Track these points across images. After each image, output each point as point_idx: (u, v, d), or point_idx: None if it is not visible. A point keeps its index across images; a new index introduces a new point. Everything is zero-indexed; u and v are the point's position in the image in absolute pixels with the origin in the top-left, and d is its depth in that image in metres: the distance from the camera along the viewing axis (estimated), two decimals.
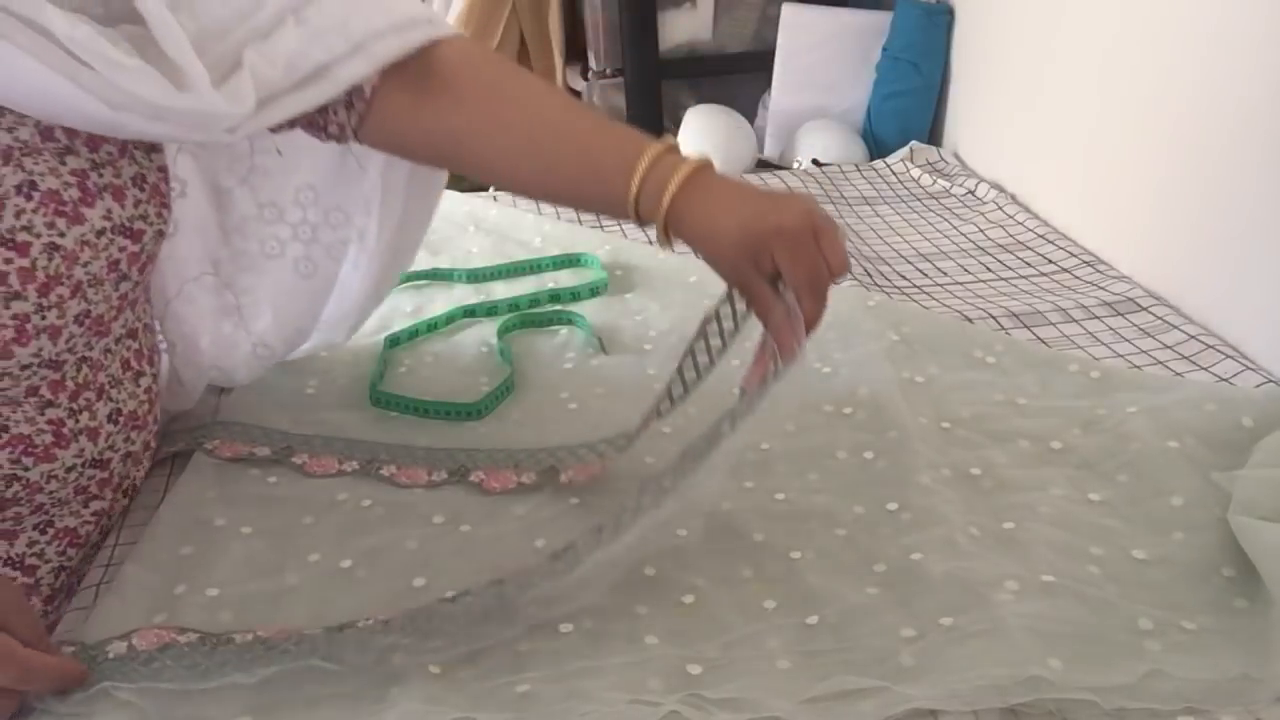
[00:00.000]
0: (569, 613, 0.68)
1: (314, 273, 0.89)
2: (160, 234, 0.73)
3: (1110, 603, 0.68)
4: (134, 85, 0.61)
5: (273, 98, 0.67)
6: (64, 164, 0.66)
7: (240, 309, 0.87)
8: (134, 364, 0.79)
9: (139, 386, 0.79)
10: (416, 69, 0.73)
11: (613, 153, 0.72)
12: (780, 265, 0.66)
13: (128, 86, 0.61)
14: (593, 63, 2.05)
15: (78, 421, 0.72)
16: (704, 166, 0.70)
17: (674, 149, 0.71)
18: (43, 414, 0.70)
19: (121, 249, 0.69)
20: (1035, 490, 0.80)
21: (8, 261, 0.63)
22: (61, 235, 0.65)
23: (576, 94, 2.18)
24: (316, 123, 0.77)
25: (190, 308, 0.86)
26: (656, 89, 2.02)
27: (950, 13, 1.68)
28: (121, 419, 0.76)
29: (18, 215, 0.63)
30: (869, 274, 1.21)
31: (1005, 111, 1.52)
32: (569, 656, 0.65)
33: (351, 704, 0.63)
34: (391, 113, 0.75)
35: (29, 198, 0.64)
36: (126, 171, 0.70)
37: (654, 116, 2.02)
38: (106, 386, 0.75)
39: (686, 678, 0.63)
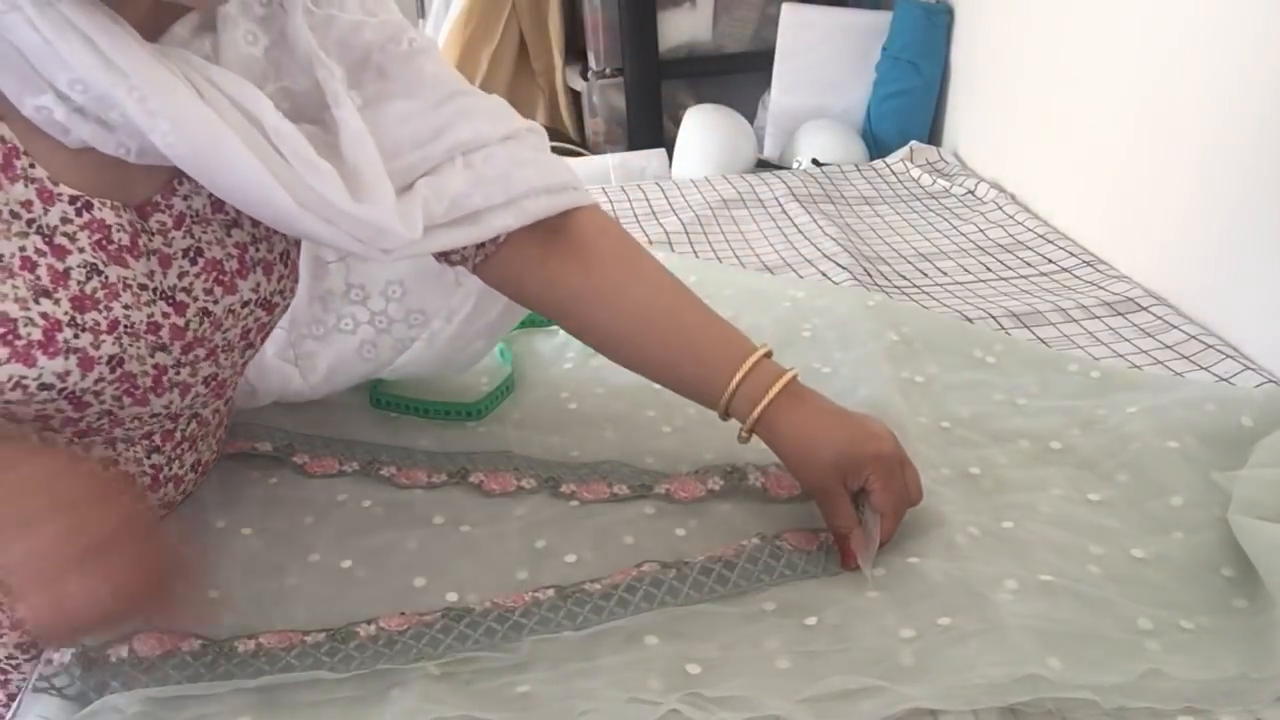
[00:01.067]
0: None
1: (374, 358, 0.91)
2: (287, 307, 0.77)
3: (1110, 602, 0.68)
4: (323, 187, 0.62)
5: (431, 229, 0.69)
6: (229, 236, 0.70)
7: (298, 364, 0.90)
8: (224, 418, 0.83)
9: (215, 438, 0.82)
10: (551, 226, 0.76)
11: (719, 347, 0.77)
12: (871, 489, 0.72)
13: (318, 187, 0.62)
14: (593, 63, 2.05)
15: (171, 469, 0.76)
16: (794, 379, 0.76)
17: (769, 354, 0.76)
18: (149, 458, 0.74)
19: (256, 319, 0.73)
20: (1035, 490, 0.80)
21: (165, 315, 0.66)
22: (215, 302, 0.69)
23: (576, 94, 2.18)
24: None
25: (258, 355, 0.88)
26: (656, 89, 2.02)
27: (950, 12, 1.68)
28: (200, 468, 0.80)
29: (180, 277, 0.67)
30: (869, 274, 1.21)
31: (1005, 111, 1.52)
32: (569, 657, 0.65)
33: (352, 704, 0.63)
34: (519, 260, 0.78)
35: (194, 262, 0.68)
36: (278, 247, 0.73)
37: (654, 116, 2.02)
38: (197, 439, 0.78)
39: (686, 677, 0.63)
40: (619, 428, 0.91)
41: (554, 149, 0.82)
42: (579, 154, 1.97)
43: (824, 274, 1.21)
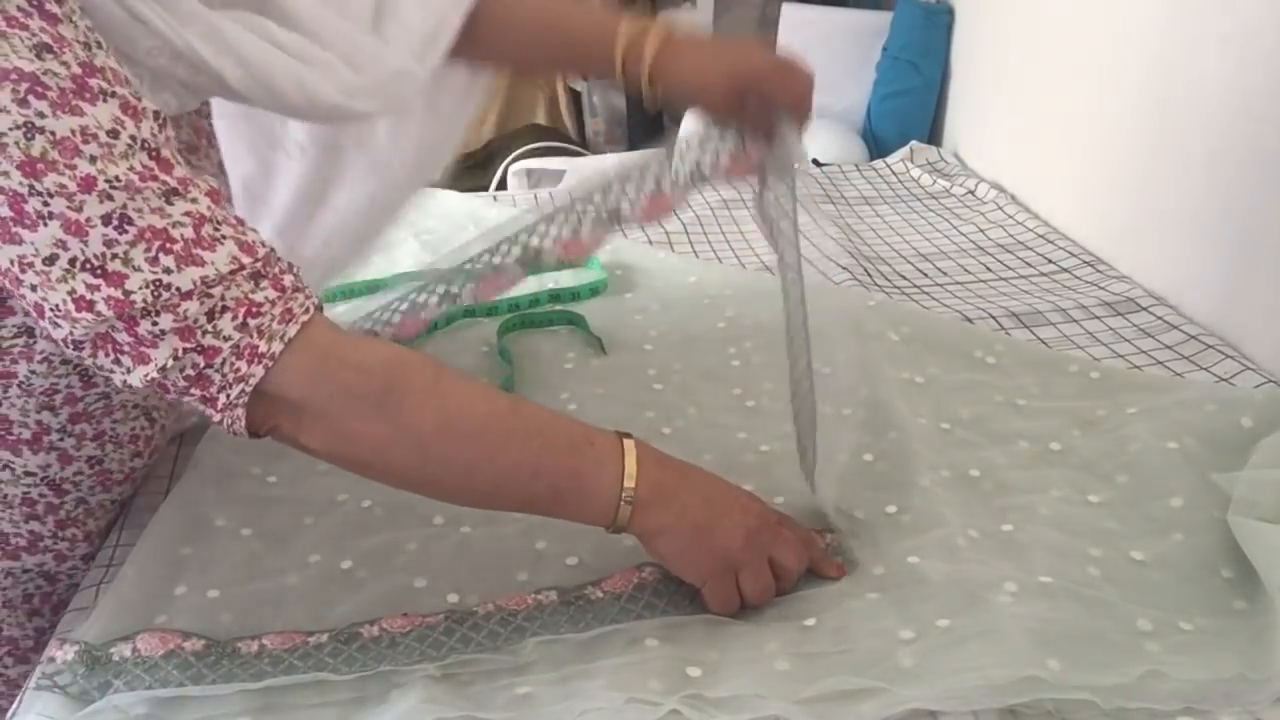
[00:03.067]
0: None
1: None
2: None
3: (1109, 604, 0.68)
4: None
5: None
6: None
7: None
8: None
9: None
10: None
11: (595, 29, 0.85)
12: (773, 94, 0.81)
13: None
14: None
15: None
16: (671, 30, 0.82)
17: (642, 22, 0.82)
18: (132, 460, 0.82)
19: None
20: (1034, 492, 0.80)
21: None
22: None
23: (576, 94, 2.18)
24: None
25: None
26: None
27: (950, 13, 1.68)
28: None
29: None
30: (869, 274, 1.21)
31: (1005, 111, 1.52)
32: (569, 659, 0.65)
33: (353, 705, 0.63)
34: None
35: None
36: None
37: (654, 116, 2.02)
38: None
39: (686, 680, 0.63)
40: (618, 428, 0.91)
41: (554, 149, 0.84)
42: (579, 154, 1.97)
43: (824, 274, 1.21)
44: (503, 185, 1.84)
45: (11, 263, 0.56)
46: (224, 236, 0.59)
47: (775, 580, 0.70)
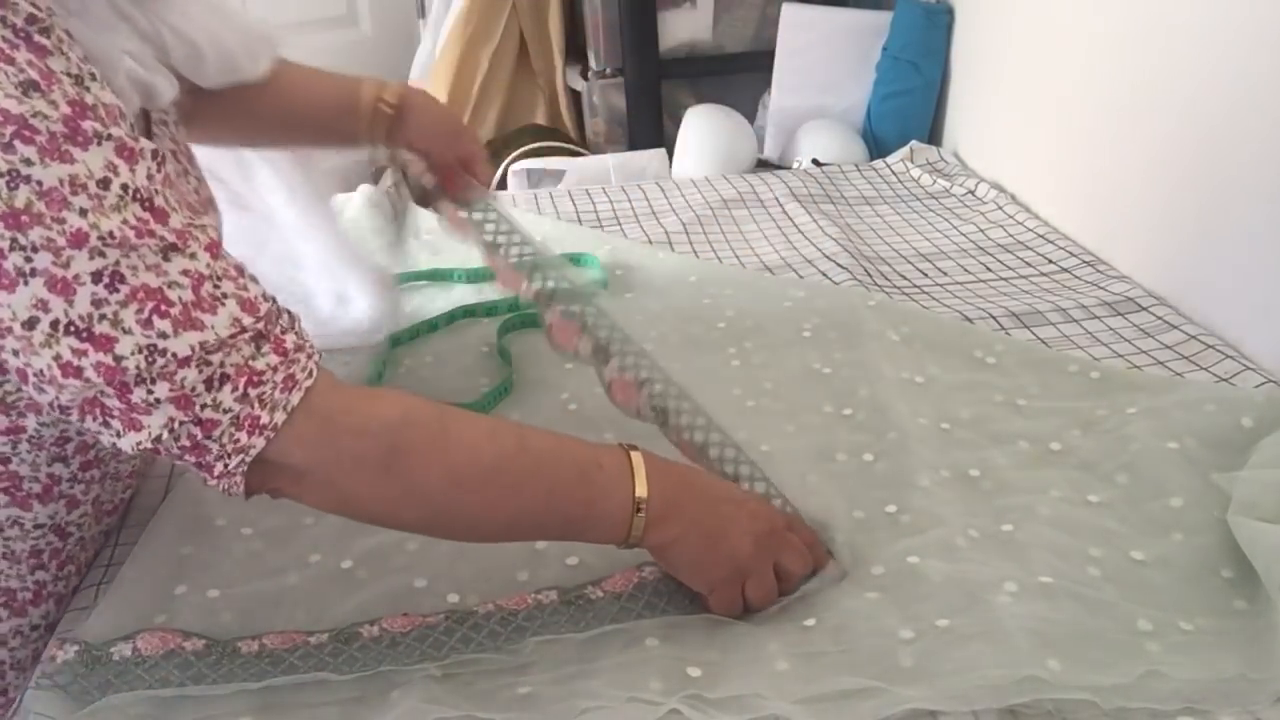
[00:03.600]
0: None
1: None
2: None
3: (1109, 604, 0.68)
4: None
5: None
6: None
7: None
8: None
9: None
10: None
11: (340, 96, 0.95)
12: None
13: None
14: (593, 63, 2.05)
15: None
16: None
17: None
18: (124, 492, 0.83)
19: None
20: (1034, 492, 0.80)
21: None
22: None
23: (576, 94, 2.18)
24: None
25: None
26: (656, 89, 2.02)
27: (950, 13, 1.68)
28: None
29: None
30: (869, 274, 1.21)
31: (1005, 111, 1.52)
32: (570, 658, 0.65)
33: (353, 705, 0.63)
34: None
35: None
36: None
37: (654, 116, 2.02)
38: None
39: (686, 680, 0.63)
40: (618, 429, 0.91)
41: (554, 149, 0.85)
42: (579, 154, 1.97)
43: (824, 274, 1.21)
44: (502, 185, 1.84)
45: None
46: (224, 295, 0.56)
47: (779, 583, 0.70)
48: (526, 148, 1.94)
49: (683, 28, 2.03)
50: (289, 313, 0.62)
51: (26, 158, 0.50)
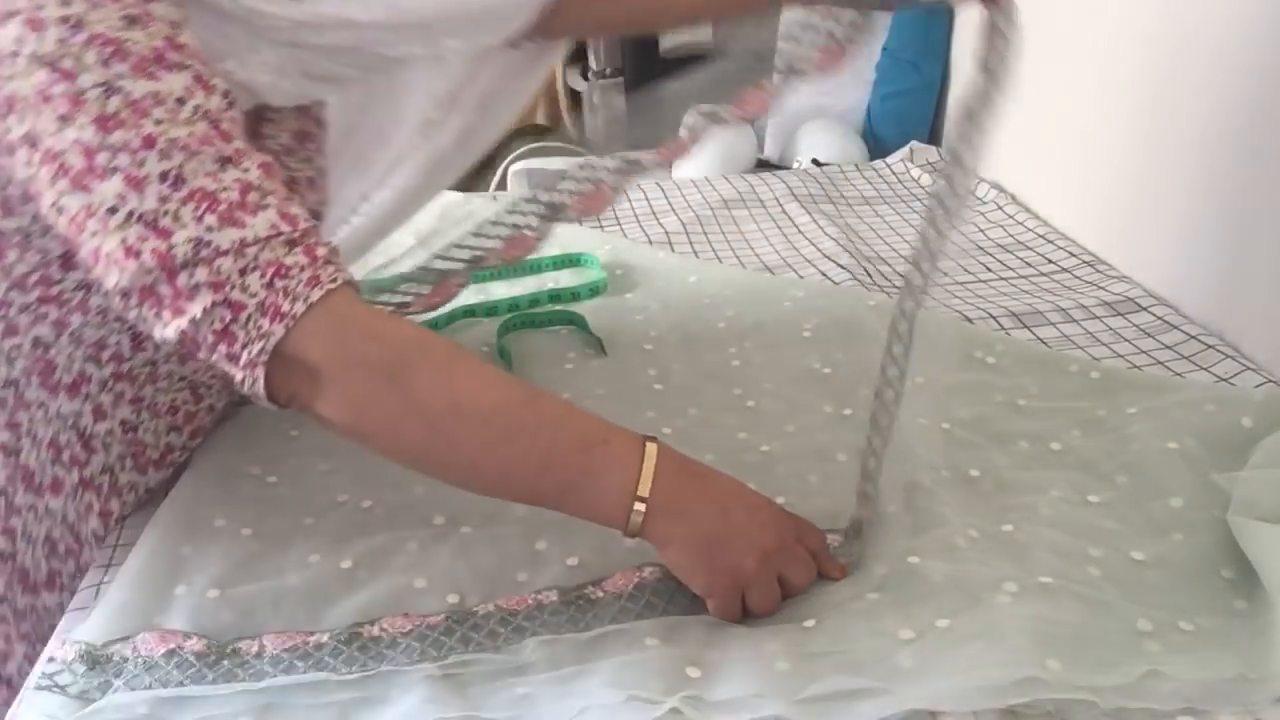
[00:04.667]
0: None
1: None
2: None
3: (1109, 604, 0.68)
4: None
5: None
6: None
7: None
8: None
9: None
10: None
11: None
12: None
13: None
14: (593, 63, 2.05)
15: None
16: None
17: None
18: (167, 435, 0.85)
19: None
20: (1034, 492, 0.80)
21: None
22: None
23: (576, 94, 2.18)
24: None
25: None
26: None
27: (950, 12, 1.68)
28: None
29: None
30: (869, 274, 1.21)
31: (1004, 111, 1.52)
32: (569, 659, 0.65)
33: (353, 705, 0.63)
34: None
35: None
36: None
37: (655, 115, 2.02)
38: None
39: (686, 680, 0.63)
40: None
41: (554, 149, 0.84)
42: (579, 154, 1.97)
43: (824, 274, 1.21)
44: (503, 185, 1.84)
45: (79, 210, 0.61)
46: (267, 205, 0.63)
47: (783, 591, 0.69)
48: (526, 148, 1.94)
49: (683, 28, 2.03)
50: (330, 243, 0.66)
51: (119, 73, 0.61)
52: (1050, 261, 1.25)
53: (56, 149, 0.61)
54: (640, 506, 0.66)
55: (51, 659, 0.66)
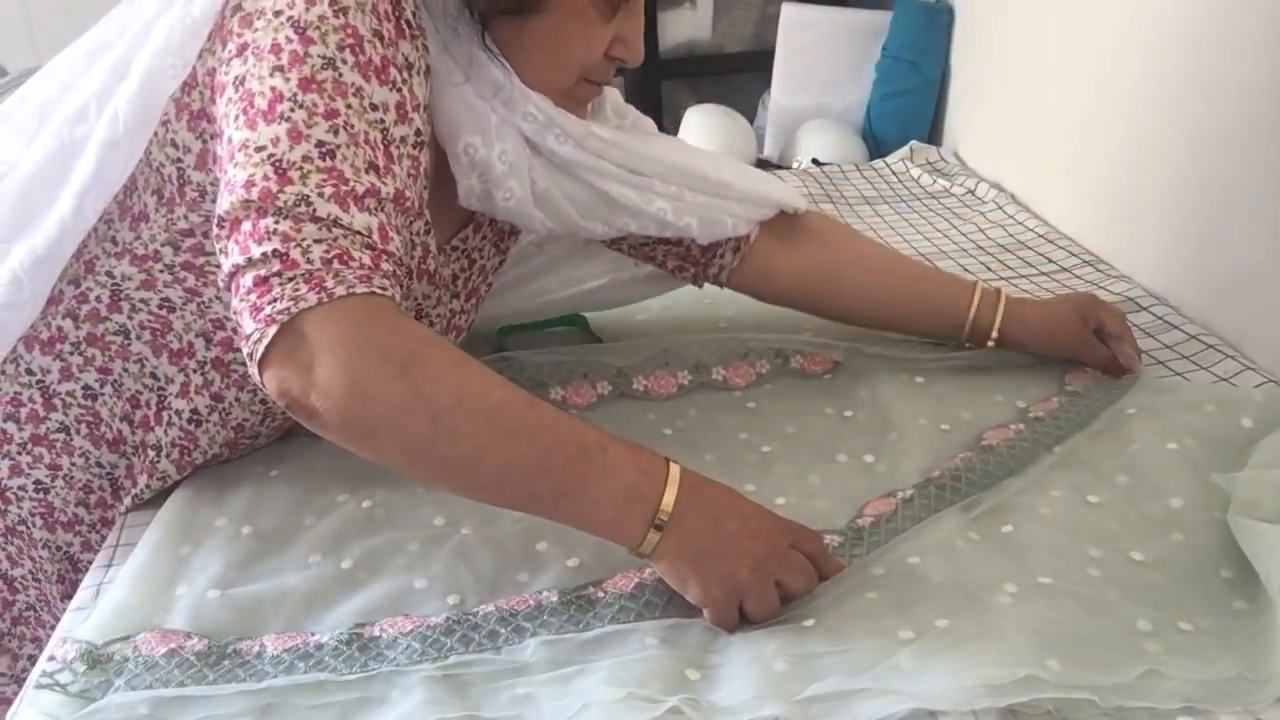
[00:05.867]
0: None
1: None
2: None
3: (1109, 604, 0.68)
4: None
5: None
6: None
7: None
8: None
9: None
10: (783, 220, 0.97)
11: (947, 278, 1.01)
12: (1106, 323, 0.94)
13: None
14: None
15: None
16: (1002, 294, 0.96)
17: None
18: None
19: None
20: (1034, 492, 0.80)
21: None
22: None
23: None
24: (699, 262, 0.98)
25: None
26: (656, 89, 2.02)
27: (950, 12, 1.68)
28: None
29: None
30: None
31: (1005, 111, 1.52)
32: (569, 659, 0.65)
33: (353, 705, 0.63)
34: (768, 255, 0.98)
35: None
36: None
37: (654, 116, 2.02)
38: None
39: (685, 682, 0.63)
40: (619, 429, 0.91)
41: None
42: None
43: None
44: None
45: (240, 144, 0.66)
46: (375, 214, 0.66)
47: (781, 596, 0.69)
48: None
49: (682, 28, 2.04)
50: (406, 267, 0.70)
51: (344, 58, 0.67)
52: (1050, 261, 1.25)
53: (255, 90, 0.67)
54: (647, 518, 0.66)
55: (52, 658, 0.66)
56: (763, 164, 1.83)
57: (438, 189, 0.79)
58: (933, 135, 1.74)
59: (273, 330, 0.62)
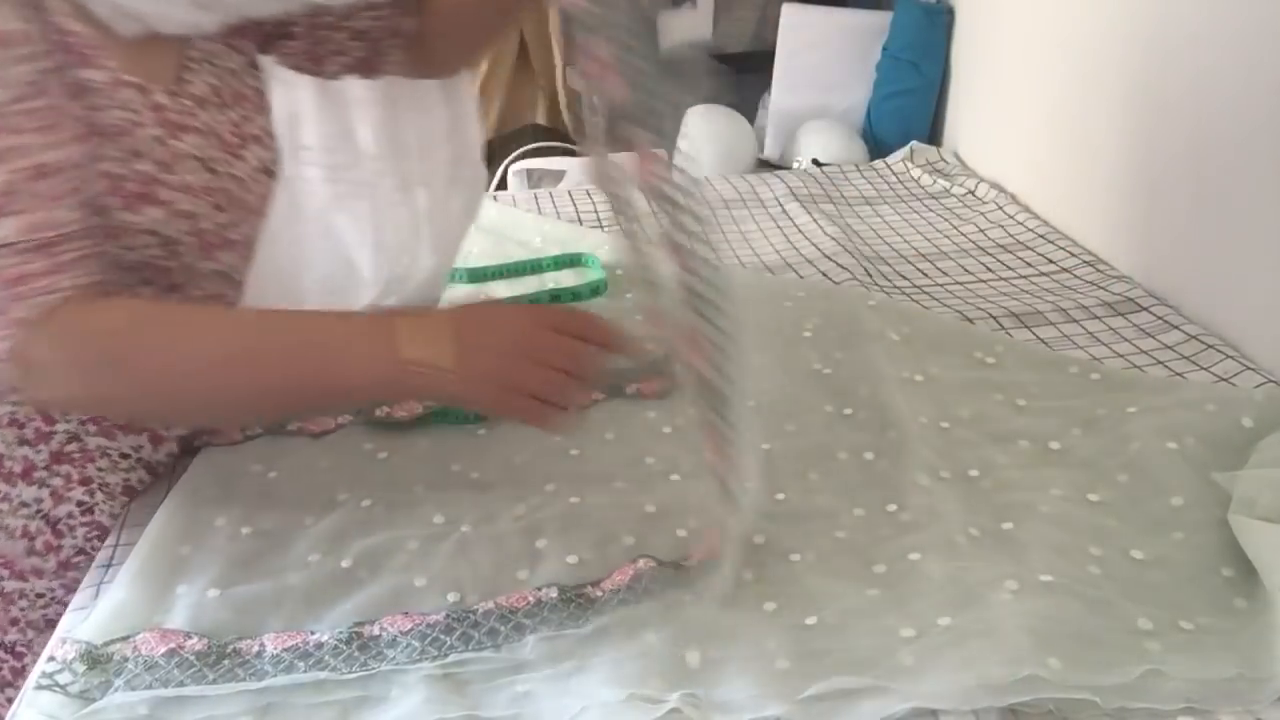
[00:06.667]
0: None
1: None
2: None
3: (1109, 603, 0.68)
4: None
5: None
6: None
7: None
8: None
9: None
10: None
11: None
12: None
13: None
14: None
15: None
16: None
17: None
18: None
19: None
20: (1035, 490, 0.80)
21: None
22: None
23: (577, 94, 2.18)
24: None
25: None
26: None
27: (950, 13, 1.68)
28: None
29: None
30: (869, 274, 1.21)
31: (1005, 111, 1.52)
32: (569, 656, 0.65)
33: (353, 704, 0.63)
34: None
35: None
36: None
37: None
38: None
39: (685, 669, 0.63)
40: (618, 428, 0.91)
41: (554, 149, 0.83)
42: (579, 154, 1.97)
43: (824, 274, 1.21)
44: (503, 185, 1.84)
45: None
46: (21, 211, 0.65)
47: (571, 374, 0.70)
48: (526, 148, 1.94)
49: (682, 28, 2.03)
50: (89, 246, 0.69)
51: None
52: (1050, 261, 1.25)
53: None
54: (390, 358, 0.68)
55: (52, 658, 0.66)
56: (763, 164, 1.83)
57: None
58: (933, 135, 1.74)
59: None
